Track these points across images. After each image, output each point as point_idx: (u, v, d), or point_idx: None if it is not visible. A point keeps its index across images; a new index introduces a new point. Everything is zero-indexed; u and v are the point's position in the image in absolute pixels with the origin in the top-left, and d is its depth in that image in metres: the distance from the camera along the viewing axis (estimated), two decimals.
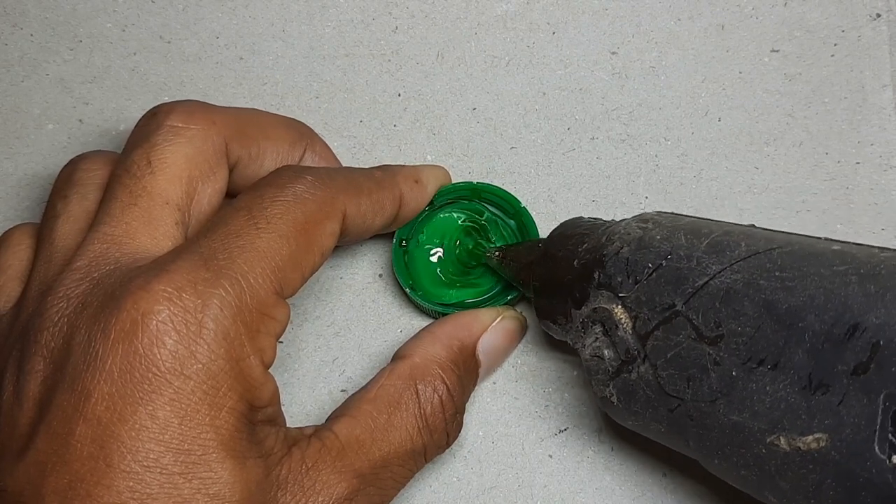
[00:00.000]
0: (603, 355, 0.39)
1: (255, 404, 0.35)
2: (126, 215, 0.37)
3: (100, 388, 0.32)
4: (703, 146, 0.49)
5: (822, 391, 0.32)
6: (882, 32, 0.50)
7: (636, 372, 0.37)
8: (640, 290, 0.37)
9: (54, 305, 0.35)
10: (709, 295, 0.35)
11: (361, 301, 0.48)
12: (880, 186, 0.49)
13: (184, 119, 0.39)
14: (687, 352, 0.36)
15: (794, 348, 0.33)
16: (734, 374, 0.34)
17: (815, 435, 0.32)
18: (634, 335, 0.38)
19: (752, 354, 0.34)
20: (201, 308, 0.33)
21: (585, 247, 0.40)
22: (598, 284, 0.39)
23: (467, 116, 0.50)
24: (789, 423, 0.32)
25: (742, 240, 0.36)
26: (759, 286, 0.34)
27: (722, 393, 0.34)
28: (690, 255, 0.37)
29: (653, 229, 0.39)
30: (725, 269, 0.35)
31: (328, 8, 0.51)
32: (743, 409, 0.34)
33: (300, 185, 0.38)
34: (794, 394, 0.32)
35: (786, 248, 0.35)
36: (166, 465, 0.32)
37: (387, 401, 0.40)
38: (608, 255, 0.39)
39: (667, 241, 0.38)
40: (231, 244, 0.35)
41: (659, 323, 0.37)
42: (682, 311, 0.36)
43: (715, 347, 0.35)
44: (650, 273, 0.37)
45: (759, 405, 0.33)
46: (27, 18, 0.51)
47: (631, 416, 0.39)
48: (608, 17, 0.51)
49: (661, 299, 0.37)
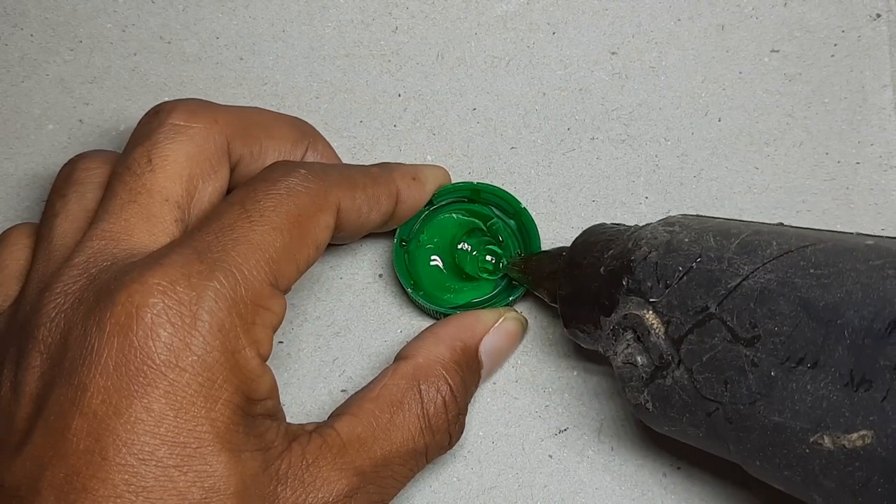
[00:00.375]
0: (636, 362, 0.38)
1: (251, 396, 0.35)
2: (125, 212, 0.37)
3: (95, 381, 0.32)
4: (703, 146, 0.49)
5: (865, 387, 0.31)
6: (882, 32, 0.50)
7: (671, 377, 0.37)
8: (672, 294, 0.37)
9: (51, 301, 0.35)
10: (743, 296, 0.35)
11: (362, 301, 0.48)
12: (880, 186, 0.49)
13: (186, 117, 0.39)
14: (723, 354, 0.35)
15: (833, 345, 0.32)
16: (773, 375, 0.34)
17: (859, 432, 0.31)
18: (667, 340, 0.37)
19: (791, 354, 0.33)
20: (196, 300, 0.33)
21: (611, 253, 0.40)
22: (627, 290, 0.39)
23: (467, 117, 0.50)
24: (832, 422, 0.32)
25: (773, 238, 0.36)
26: (794, 284, 0.34)
27: (761, 394, 0.34)
28: (721, 256, 0.36)
29: (680, 232, 0.38)
30: (758, 269, 0.35)
31: (328, 8, 0.51)
32: (784, 409, 0.33)
33: (293, 179, 0.38)
34: (835, 391, 0.32)
35: (818, 245, 0.35)
36: (161, 458, 0.32)
37: (389, 400, 0.40)
38: (636, 261, 0.38)
39: (696, 244, 0.37)
40: (225, 237, 0.35)
41: (693, 326, 0.36)
42: (716, 314, 0.36)
43: (752, 348, 0.34)
44: (681, 277, 0.37)
45: (801, 404, 0.33)
46: (27, 19, 0.51)
47: (667, 422, 0.38)
48: (608, 17, 0.51)
49: (694, 302, 0.36)
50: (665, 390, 0.37)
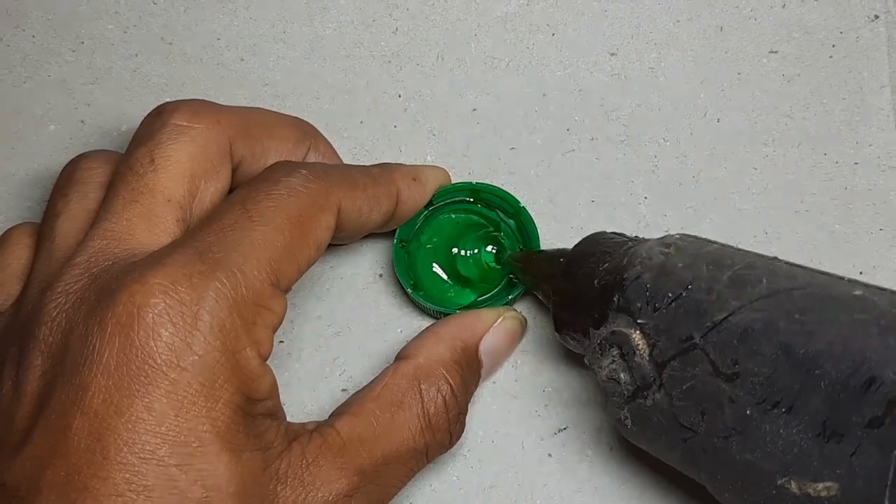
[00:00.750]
0: (619, 378, 0.38)
1: (252, 396, 0.35)
2: (127, 212, 0.37)
3: (97, 381, 0.33)
4: (702, 147, 0.50)
5: (836, 440, 0.31)
6: (880, 34, 0.50)
7: (651, 399, 0.37)
8: (659, 318, 0.37)
9: (53, 301, 0.35)
10: (727, 331, 0.35)
11: (362, 301, 0.48)
12: (878, 187, 0.49)
13: (188, 118, 0.39)
14: (703, 385, 0.35)
15: (809, 394, 0.32)
16: (748, 413, 0.34)
17: (825, 483, 0.31)
18: (651, 363, 0.37)
19: (768, 396, 0.33)
20: (197, 300, 0.33)
21: (606, 267, 0.40)
22: (617, 307, 0.38)
23: (467, 117, 0.50)
24: (801, 469, 0.32)
25: (764, 275, 0.36)
26: (778, 328, 0.34)
27: (736, 430, 0.34)
28: (711, 287, 0.36)
29: (675, 255, 0.38)
30: (745, 307, 0.35)
31: (329, 9, 0.51)
32: (755, 448, 0.33)
33: (294, 179, 0.38)
34: (807, 439, 0.32)
35: (807, 288, 0.35)
36: (163, 457, 0.32)
37: (390, 400, 0.40)
38: (628, 280, 0.38)
39: (688, 270, 0.37)
40: (226, 237, 0.35)
41: (676, 353, 0.36)
42: (700, 345, 0.36)
43: (731, 384, 0.34)
44: (670, 302, 0.37)
45: (772, 447, 0.33)
46: (29, 20, 0.51)
47: (645, 440, 0.39)
48: (608, 18, 0.51)
49: (680, 330, 0.36)
50: (645, 410, 0.37)
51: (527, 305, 0.47)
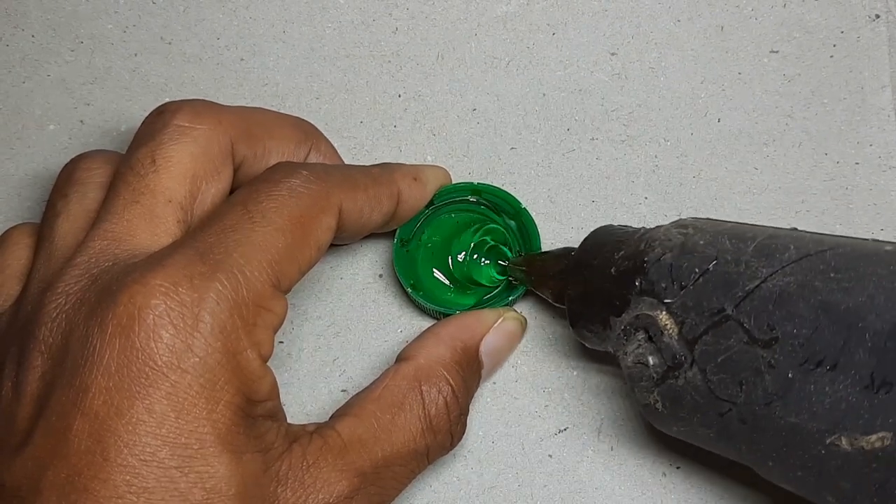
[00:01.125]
0: (647, 362, 0.38)
1: (253, 398, 0.35)
2: (128, 212, 0.37)
3: (97, 382, 0.33)
4: (703, 147, 0.49)
5: (886, 389, 0.31)
6: (881, 33, 0.50)
7: (683, 377, 0.37)
8: (687, 295, 0.37)
9: (53, 301, 0.35)
10: (761, 298, 0.35)
11: (362, 301, 0.48)
12: (879, 187, 0.49)
13: (190, 118, 0.39)
14: (739, 356, 0.35)
15: (854, 348, 0.32)
16: (790, 377, 0.34)
17: (878, 434, 0.31)
18: (681, 340, 0.37)
19: (810, 356, 0.33)
20: (198, 301, 0.33)
21: (622, 254, 0.40)
22: (640, 291, 0.38)
23: (467, 117, 0.50)
24: (851, 423, 0.32)
25: (790, 242, 0.36)
26: (814, 288, 0.34)
27: (778, 395, 0.34)
28: (738, 259, 0.36)
29: (694, 234, 0.38)
30: (777, 272, 0.35)
31: (328, 9, 0.51)
32: (801, 410, 0.33)
33: (295, 180, 0.38)
34: (855, 393, 0.32)
35: (837, 249, 0.35)
36: (163, 459, 0.32)
37: (391, 401, 0.40)
38: (650, 262, 0.38)
39: (711, 246, 0.37)
40: (227, 238, 0.35)
41: (708, 328, 0.36)
42: (733, 315, 0.36)
43: (769, 350, 0.34)
44: (697, 278, 0.37)
45: (818, 406, 0.33)
46: (28, 20, 0.51)
47: (677, 422, 0.38)
48: (608, 17, 0.51)
49: (710, 304, 0.36)
50: (676, 390, 0.37)
51: (527, 306, 0.47)
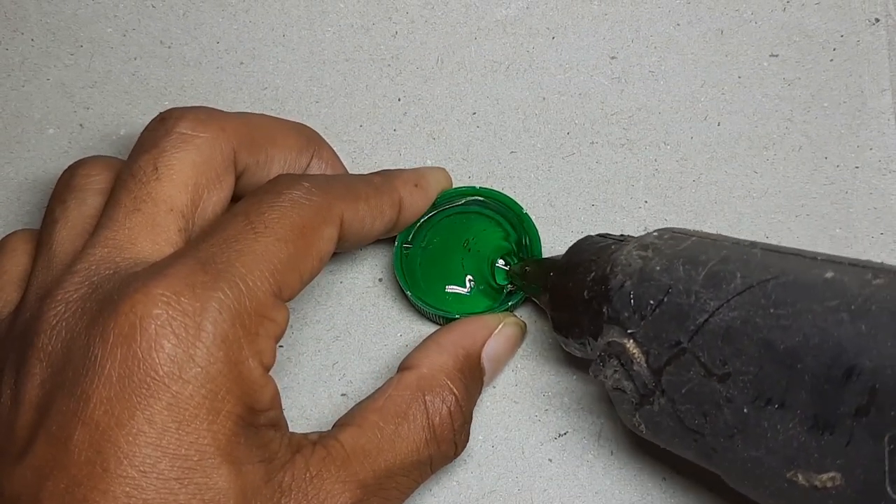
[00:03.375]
0: (624, 387, 0.38)
1: (255, 407, 0.35)
2: (129, 220, 0.37)
3: (98, 392, 0.32)
4: (703, 150, 0.49)
5: (829, 432, 0.31)
6: (881, 37, 0.50)
7: (657, 404, 0.37)
8: (648, 325, 0.37)
9: (52, 309, 0.35)
10: (711, 332, 0.35)
11: (361, 305, 0.48)
12: (879, 190, 0.49)
13: (193, 126, 0.39)
14: (699, 388, 0.35)
15: (796, 389, 0.32)
16: (745, 412, 0.34)
17: (829, 474, 0.31)
18: (649, 370, 0.37)
19: (760, 393, 0.33)
20: (199, 311, 0.33)
21: (593, 277, 0.40)
22: (608, 319, 0.39)
23: (467, 121, 0.50)
24: (804, 462, 0.32)
25: (738, 269, 0.36)
26: (756, 325, 0.34)
27: (738, 429, 0.34)
28: (689, 289, 0.36)
29: (652, 259, 0.38)
30: (723, 306, 0.35)
31: (328, 13, 0.51)
32: (759, 445, 0.33)
33: (297, 192, 0.38)
34: (804, 433, 0.32)
35: (780, 279, 0.34)
36: (163, 471, 0.32)
37: (394, 411, 0.40)
38: (613, 290, 0.38)
39: (666, 273, 0.37)
40: (229, 248, 0.35)
41: (669, 358, 0.36)
42: (689, 349, 0.36)
43: (724, 385, 0.34)
44: (653, 309, 0.37)
45: (773, 442, 0.33)
46: (28, 23, 0.51)
47: (661, 442, 0.39)
48: (608, 21, 0.51)
49: (668, 336, 0.36)
50: (654, 416, 0.38)
51: (527, 311, 0.47)
